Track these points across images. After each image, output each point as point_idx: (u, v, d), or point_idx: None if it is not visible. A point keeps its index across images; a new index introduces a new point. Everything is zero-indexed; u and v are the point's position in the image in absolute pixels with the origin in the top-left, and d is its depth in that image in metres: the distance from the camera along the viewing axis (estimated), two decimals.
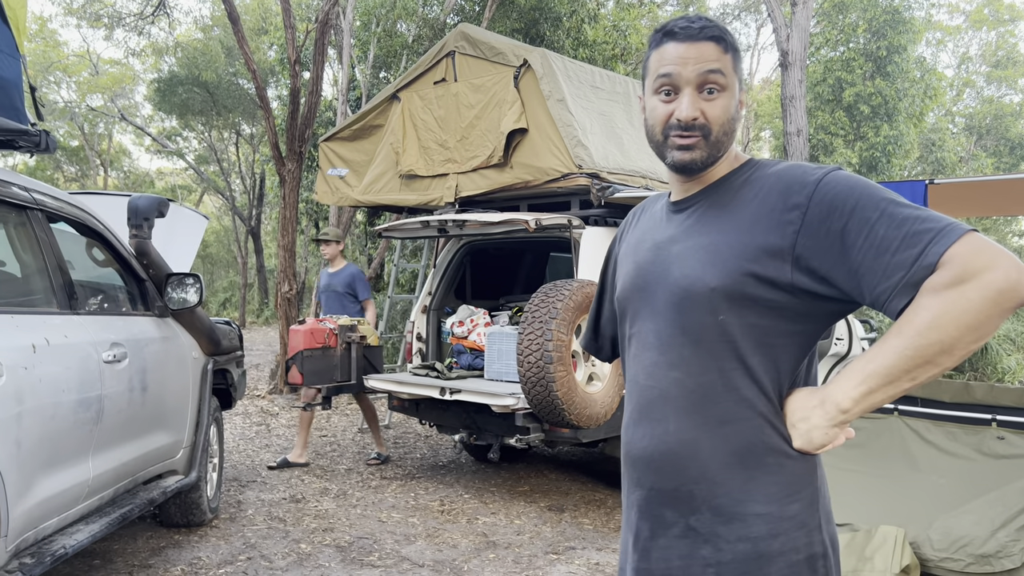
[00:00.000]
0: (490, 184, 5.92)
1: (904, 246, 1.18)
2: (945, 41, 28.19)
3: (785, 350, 1.32)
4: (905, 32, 16.89)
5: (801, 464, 1.32)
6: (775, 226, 1.28)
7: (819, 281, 1.26)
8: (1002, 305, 1.13)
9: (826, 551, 1.33)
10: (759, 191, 1.34)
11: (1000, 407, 4.30)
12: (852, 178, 1.27)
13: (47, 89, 24.00)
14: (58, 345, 2.97)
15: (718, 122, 1.35)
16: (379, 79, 13.07)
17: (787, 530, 1.29)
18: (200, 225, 6.77)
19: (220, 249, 32.27)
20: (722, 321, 1.31)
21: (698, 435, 1.33)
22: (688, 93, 1.34)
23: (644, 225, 1.54)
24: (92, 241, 3.88)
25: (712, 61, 1.33)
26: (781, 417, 1.32)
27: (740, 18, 27.41)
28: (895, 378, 1.19)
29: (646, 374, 1.41)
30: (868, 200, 1.22)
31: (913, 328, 1.16)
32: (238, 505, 5.15)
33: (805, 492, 1.32)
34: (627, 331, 1.49)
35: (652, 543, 1.40)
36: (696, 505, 1.34)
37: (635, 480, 1.44)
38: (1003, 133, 25.92)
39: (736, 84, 1.37)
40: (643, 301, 1.43)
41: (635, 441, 1.43)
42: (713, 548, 1.32)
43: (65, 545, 2.98)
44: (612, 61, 13.04)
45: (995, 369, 10.38)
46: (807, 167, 1.32)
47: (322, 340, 5.77)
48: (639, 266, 1.46)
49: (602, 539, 4.66)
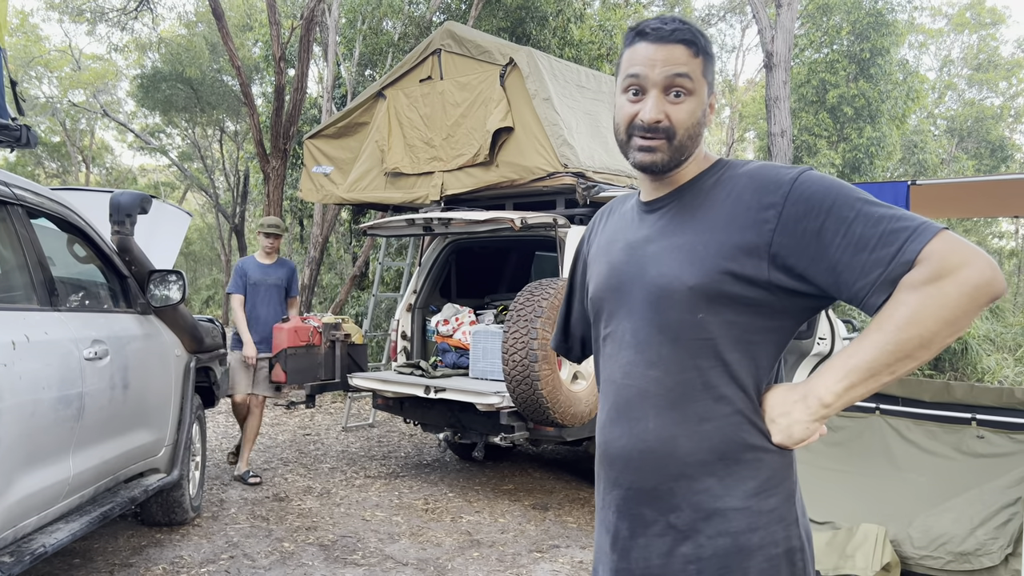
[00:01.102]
0: (476, 182, 5.92)
1: (881, 244, 1.20)
2: (927, 44, 28.44)
3: (763, 347, 1.34)
4: (888, 35, 17.04)
5: (778, 459, 1.34)
6: (751, 224, 1.30)
7: (796, 278, 1.28)
8: (978, 300, 1.17)
9: (803, 544, 1.35)
10: (732, 191, 1.35)
11: (980, 407, 4.34)
12: (826, 178, 1.29)
13: (28, 84, 23.75)
14: (38, 342, 2.95)
15: (683, 126, 1.36)
16: (365, 77, 13.02)
17: (766, 524, 1.31)
18: (183, 222, 6.73)
19: (203, 246, 32.05)
20: (700, 319, 1.32)
21: (677, 432, 1.34)
22: (654, 95, 1.35)
23: (614, 225, 1.54)
24: (73, 237, 3.84)
25: (680, 64, 1.34)
26: (760, 413, 1.34)
27: (725, 19, 27.50)
28: (876, 372, 1.22)
29: (623, 373, 1.41)
30: (844, 200, 1.25)
31: (893, 323, 1.19)
32: (221, 503, 5.12)
33: (783, 486, 1.34)
34: (601, 331, 1.49)
35: (632, 542, 1.40)
36: (676, 503, 1.35)
37: (612, 480, 1.44)
38: (984, 136, 26.18)
39: (704, 88, 1.37)
40: (618, 301, 1.43)
41: (613, 440, 1.43)
42: (693, 544, 1.33)
43: (45, 544, 2.95)
44: (598, 61, 13.06)
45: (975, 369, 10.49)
46: (779, 167, 1.33)
47: (306, 338, 5.74)
48: (613, 266, 1.46)
49: (586, 537, 4.67)
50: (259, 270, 6.01)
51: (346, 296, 11.74)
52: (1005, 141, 26.74)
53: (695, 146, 1.39)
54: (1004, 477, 3.97)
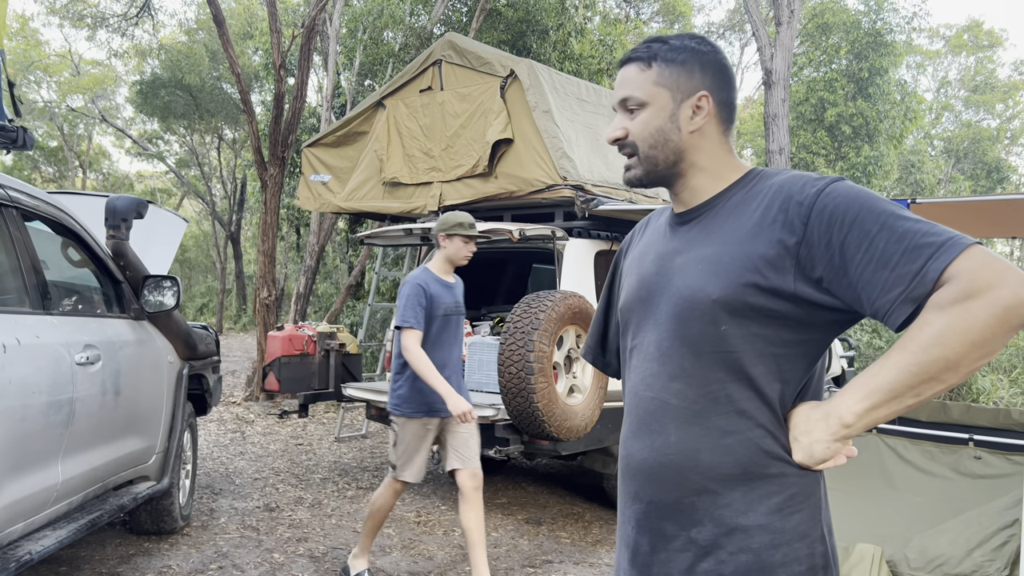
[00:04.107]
0: (474, 193, 5.91)
1: (904, 260, 1.16)
2: (925, 65, 28.62)
3: (789, 360, 1.30)
4: (886, 55, 17.13)
5: (803, 476, 1.31)
6: (776, 237, 1.27)
7: (821, 291, 1.25)
8: (1009, 323, 1.11)
9: (827, 563, 1.32)
10: (761, 202, 1.33)
11: (977, 427, 4.33)
12: (854, 189, 1.25)
13: (27, 88, 23.75)
14: (29, 345, 2.91)
15: (639, 137, 1.39)
16: (364, 86, 13.04)
17: (789, 541, 1.28)
18: (179, 228, 6.69)
19: (199, 253, 31.99)
20: (724, 331, 1.30)
21: (699, 446, 1.32)
22: (617, 116, 1.43)
23: (648, 238, 1.53)
24: (68, 241, 3.81)
25: (627, 84, 1.40)
26: (784, 428, 1.31)
27: (724, 36, 27.67)
28: (899, 393, 1.17)
29: (646, 385, 1.39)
30: (869, 212, 1.20)
31: (917, 344, 1.14)
32: (211, 513, 5.07)
33: (807, 504, 1.31)
34: (628, 343, 1.48)
35: (653, 557, 1.37)
36: (698, 517, 1.32)
37: (633, 494, 1.42)
38: (980, 157, 26.32)
39: (664, 95, 1.37)
40: (645, 312, 1.42)
41: (635, 453, 1.41)
42: (715, 560, 1.30)
43: (31, 551, 2.90)
44: (598, 75, 13.11)
45: (971, 389, 10.49)
46: (809, 177, 1.30)
47: (300, 347, 5.71)
48: (642, 278, 1.45)
49: (579, 553, 4.63)
50: (446, 292, 3.94)
51: (341, 305, 11.71)
52: (1001, 163, 26.90)
53: (672, 155, 1.38)
54: (1001, 499, 3.94)
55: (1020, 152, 31.83)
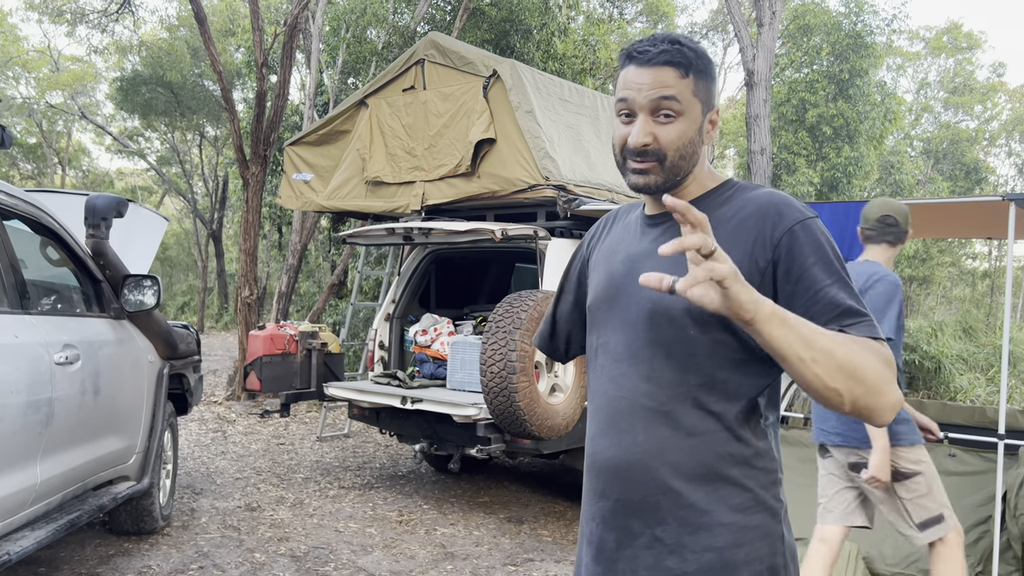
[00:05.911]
0: (457, 193, 5.91)
1: (836, 318, 1.26)
2: (905, 67, 28.88)
3: (754, 365, 1.34)
4: (867, 56, 17.27)
5: (765, 475, 1.35)
6: (747, 251, 1.31)
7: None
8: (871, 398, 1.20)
9: (787, 562, 1.36)
10: (736, 214, 1.36)
11: (952, 425, 4.39)
12: (822, 236, 1.31)
13: (5, 84, 23.47)
14: (7, 345, 2.89)
15: (672, 147, 1.35)
16: (347, 85, 12.99)
17: (751, 540, 1.32)
18: (160, 227, 6.65)
19: (180, 252, 31.76)
20: (692, 336, 1.33)
21: (666, 446, 1.35)
22: (641, 119, 1.35)
23: (618, 235, 1.54)
24: (47, 240, 3.79)
25: (666, 87, 1.33)
26: (749, 430, 1.35)
27: (707, 37, 27.77)
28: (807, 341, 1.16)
29: (615, 385, 1.41)
30: (826, 266, 1.29)
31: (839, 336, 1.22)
32: (191, 513, 5.05)
33: (769, 503, 1.35)
34: (595, 341, 1.49)
35: (618, 554, 1.40)
36: (662, 516, 1.35)
37: (599, 491, 1.44)
38: (959, 158, 26.60)
39: (697, 107, 1.37)
40: (613, 312, 1.44)
41: (602, 451, 1.43)
42: (679, 559, 1.34)
43: (9, 551, 2.89)
44: (581, 75, 13.13)
45: (948, 388, 10.59)
46: (787, 204, 1.34)
47: (282, 346, 5.69)
48: (611, 277, 1.46)
49: (561, 551, 4.65)
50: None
51: (324, 304, 11.66)
52: (979, 164, 27.18)
53: (691, 165, 1.39)
54: (975, 495, 4.00)
55: (998, 153, 32.22)
